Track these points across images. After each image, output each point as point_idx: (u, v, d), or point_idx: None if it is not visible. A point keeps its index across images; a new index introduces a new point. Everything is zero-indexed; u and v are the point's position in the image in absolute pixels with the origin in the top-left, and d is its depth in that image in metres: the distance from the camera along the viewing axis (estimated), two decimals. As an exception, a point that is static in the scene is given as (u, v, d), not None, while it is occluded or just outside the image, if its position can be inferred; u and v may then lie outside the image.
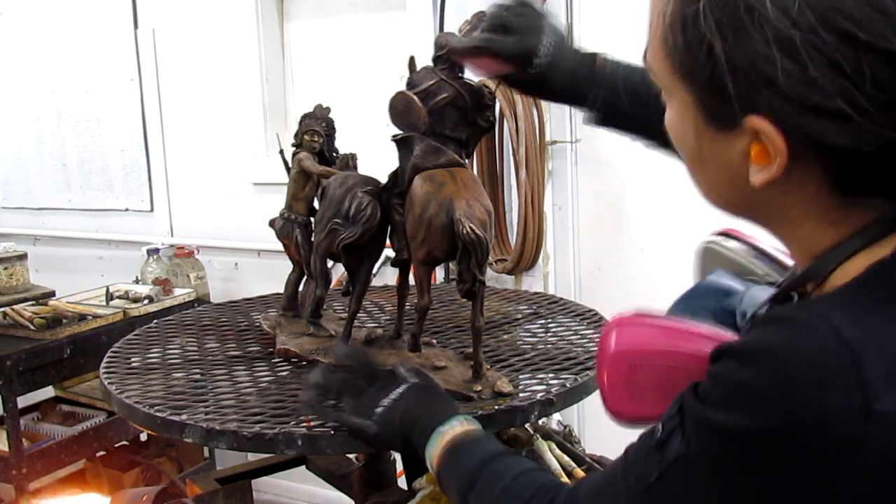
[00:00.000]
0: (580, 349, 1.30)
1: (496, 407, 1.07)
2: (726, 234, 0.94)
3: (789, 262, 0.83)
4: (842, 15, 0.56)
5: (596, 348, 0.80)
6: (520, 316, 1.54)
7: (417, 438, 0.94)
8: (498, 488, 0.82)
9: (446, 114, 1.17)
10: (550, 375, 1.20)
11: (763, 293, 0.78)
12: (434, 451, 0.91)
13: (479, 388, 1.12)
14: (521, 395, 1.12)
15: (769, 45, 0.57)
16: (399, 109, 1.17)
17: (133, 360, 1.37)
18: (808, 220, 0.64)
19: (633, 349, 0.75)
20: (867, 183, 0.61)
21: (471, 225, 1.07)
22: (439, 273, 2.46)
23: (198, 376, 1.26)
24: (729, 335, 0.71)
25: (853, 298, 0.60)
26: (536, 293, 1.77)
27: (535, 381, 1.18)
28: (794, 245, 0.69)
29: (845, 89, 0.56)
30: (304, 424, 1.04)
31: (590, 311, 1.54)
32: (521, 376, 1.20)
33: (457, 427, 0.92)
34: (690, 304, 0.84)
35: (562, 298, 1.67)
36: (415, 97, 1.15)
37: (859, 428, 0.54)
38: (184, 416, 1.08)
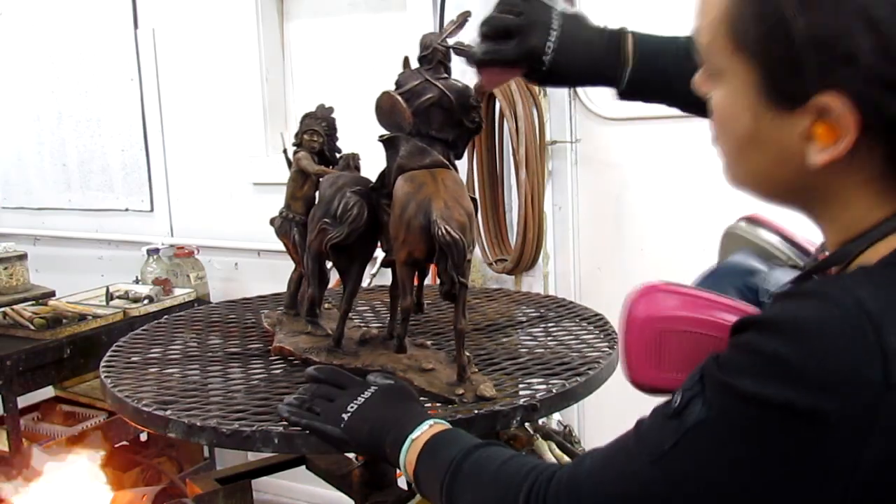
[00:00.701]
0: (576, 354, 1.29)
1: (476, 411, 1.06)
2: (751, 220, 0.94)
3: (813, 249, 0.83)
4: None
5: (624, 318, 0.78)
6: (524, 319, 1.52)
7: (390, 451, 0.93)
8: (488, 473, 0.80)
9: (432, 114, 1.16)
10: (539, 380, 1.18)
11: (787, 276, 0.78)
12: (408, 457, 0.90)
13: (462, 391, 1.11)
14: (504, 399, 1.10)
15: (855, 21, 0.57)
16: (384, 109, 1.17)
17: (134, 355, 1.38)
18: (861, 200, 0.65)
19: (663, 316, 0.74)
20: None
21: (447, 226, 1.06)
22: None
23: (193, 372, 1.27)
24: (755, 310, 0.71)
25: (877, 276, 0.61)
26: (547, 296, 1.74)
27: (522, 385, 1.17)
28: (835, 227, 0.68)
29: None
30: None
31: (596, 315, 1.51)
32: (509, 381, 1.18)
33: (427, 430, 0.91)
34: (714, 281, 0.83)
35: (571, 302, 1.64)
36: (399, 97, 1.15)
37: (875, 402, 0.55)
38: (168, 412, 1.09)
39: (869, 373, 0.55)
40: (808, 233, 0.85)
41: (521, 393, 1.14)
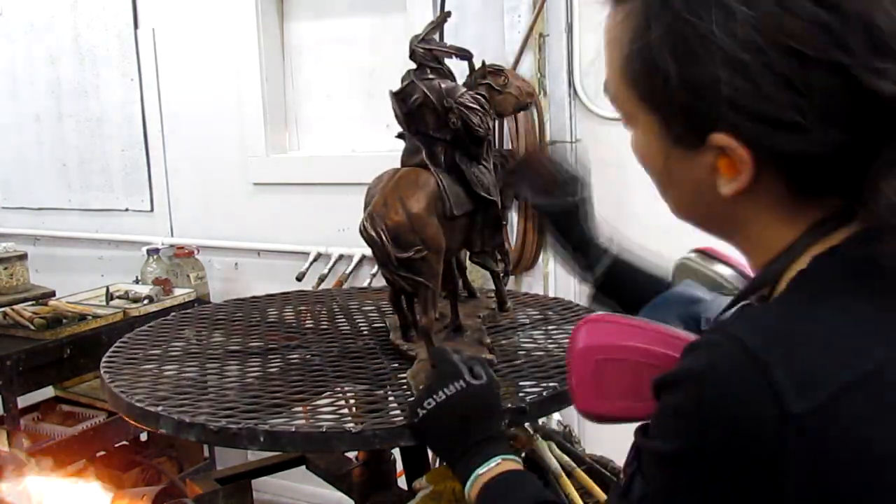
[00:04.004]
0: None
1: None
2: (702, 252, 0.99)
3: None
4: (788, 35, 0.60)
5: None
6: (528, 321, 1.50)
7: (458, 476, 0.97)
8: None
9: (424, 115, 1.18)
10: (532, 383, 1.17)
11: (726, 302, 0.80)
12: (471, 492, 0.94)
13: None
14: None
15: (723, 67, 0.61)
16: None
17: (135, 351, 1.39)
18: (771, 224, 0.68)
19: (601, 345, 0.77)
20: (823, 183, 0.65)
21: (366, 222, 1.10)
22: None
23: (191, 370, 1.28)
24: (690, 339, 0.73)
25: (773, 307, 0.65)
26: (553, 298, 1.73)
27: (514, 388, 1.15)
28: (757, 252, 0.71)
29: (796, 102, 0.60)
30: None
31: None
32: (503, 383, 1.16)
33: (493, 467, 0.94)
34: (658, 311, 0.87)
35: (576, 304, 1.63)
36: (393, 97, 1.19)
37: (779, 435, 0.56)
38: (160, 408, 1.10)
39: (763, 410, 0.56)
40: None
41: (514, 395, 1.13)
